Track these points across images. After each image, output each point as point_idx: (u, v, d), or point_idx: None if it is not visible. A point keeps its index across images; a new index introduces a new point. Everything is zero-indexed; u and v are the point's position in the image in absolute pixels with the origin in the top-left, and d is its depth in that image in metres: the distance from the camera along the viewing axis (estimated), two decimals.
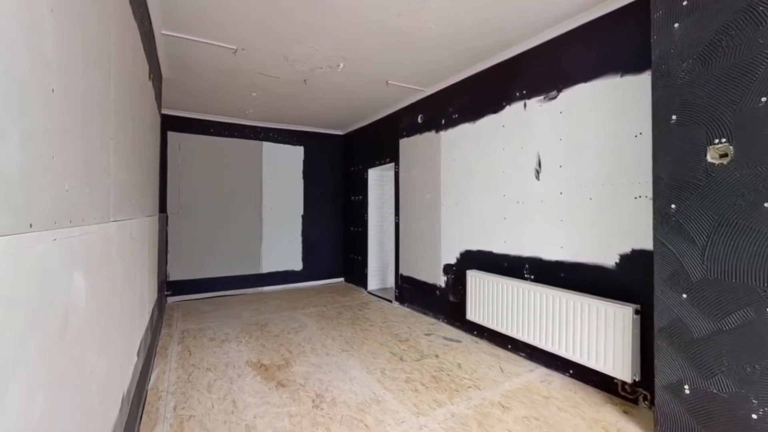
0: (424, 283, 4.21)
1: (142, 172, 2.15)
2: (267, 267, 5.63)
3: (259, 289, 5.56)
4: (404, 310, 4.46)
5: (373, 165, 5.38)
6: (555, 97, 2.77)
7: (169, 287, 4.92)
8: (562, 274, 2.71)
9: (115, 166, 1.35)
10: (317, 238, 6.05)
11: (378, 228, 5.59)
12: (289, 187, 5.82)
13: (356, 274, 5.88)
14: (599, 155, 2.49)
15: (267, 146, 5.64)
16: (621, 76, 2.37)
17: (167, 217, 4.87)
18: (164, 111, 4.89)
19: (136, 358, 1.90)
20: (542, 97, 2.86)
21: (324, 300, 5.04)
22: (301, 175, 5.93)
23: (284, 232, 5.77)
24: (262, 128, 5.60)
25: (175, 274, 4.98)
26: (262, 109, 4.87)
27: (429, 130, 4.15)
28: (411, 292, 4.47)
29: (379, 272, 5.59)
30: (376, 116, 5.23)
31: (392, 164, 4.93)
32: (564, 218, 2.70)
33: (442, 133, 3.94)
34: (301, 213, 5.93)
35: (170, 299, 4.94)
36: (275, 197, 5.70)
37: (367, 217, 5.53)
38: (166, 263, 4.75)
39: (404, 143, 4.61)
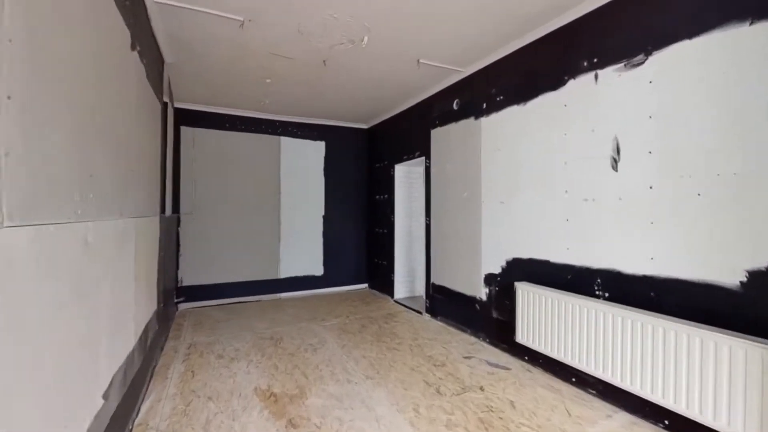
0: (461, 295, 3.64)
1: (116, 161, 1.72)
2: (285, 272, 5.22)
3: (277, 295, 5.15)
4: (437, 325, 3.90)
5: (401, 160, 4.85)
6: (642, 63, 2.13)
7: (181, 293, 4.59)
8: (653, 294, 2.07)
9: (23, 143, 0.89)
10: (339, 240, 5.59)
11: (405, 230, 5.05)
12: (309, 186, 5.39)
13: (381, 281, 5.37)
14: (711, 136, 1.85)
15: (285, 141, 5.24)
16: (750, 23, 1.72)
17: (179, 217, 4.55)
18: (177, 105, 4.58)
19: (101, 402, 1.47)
20: (622, 64, 2.23)
21: (346, 309, 4.56)
22: (322, 173, 5.49)
23: (304, 234, 5.35)
24: (280, 122, 5.19)
25: (188, 279, 4.66)
26: (279, 99, 4.45)
27: (467, 116, 3.57)
28: (445, 304, 3.90)
29: (406, 279, 5.05)
30: (404, 105, 4.70)
31: (422, 158, 4.38)
32: (656, 220, 2.07)
33: (483, 120, 3.35)
34: (322, 213, 5.48)
35: (183, 305, 4.61)
36: (294, 196, 5.29)
37: (393, 217, 5.01)
38: (178, 267, 4.42)
39: (437, 134, 4.05)
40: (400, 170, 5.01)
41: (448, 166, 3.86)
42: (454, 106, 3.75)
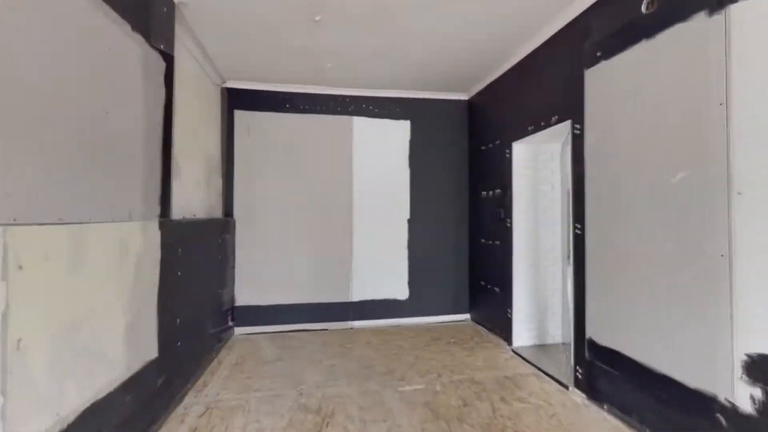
0: (671, 382, 1.80)
1: None
2: (359, 293, 3.98)
3: (349, 324, 3.95)
4: (605, 423, 2.12)
5: (522, 134, 3.15)
6: None
7: (235, 315, 3.73)
8: None
9: None
10: (430, 253, 4.13)
11: (530, 241, 3.31)
12: (389, 180, 4.07)
13: (491, 313, 3.72)
14: None
15: (359, 122, 4.02)
16: None
17: (229, 222, 3.69)
18: (229, 84, 3.75)
19: None
20: None
21: (438, 359, 3.06)
22: (406, 162, 4.12)
23: (383, 244, 4.04)
24: (351, 98, 4.00)
25: (243, 298, 3.78)
26: (342, 56, 3.23)
27: (682, 17, 1.75)
28: (621, 385, 2.09)
29: (533, 317, 3.30)
30: (528, 46, 3.01)
31: (565, 124, 2.62)
32: None
33: (739, 7, 1.51)
34: (407, 216, 4.10)
35: (237, 330, 3.74)
36: (371, 194, 4.03)
37: (509, 223, 3.33)
38: (224, 285, 3.52)
39: (598, 75, 2.28)
40: (522, 151, 3.30)
41: (624, 129, 2.07)
42: (643, 9, 1.95)
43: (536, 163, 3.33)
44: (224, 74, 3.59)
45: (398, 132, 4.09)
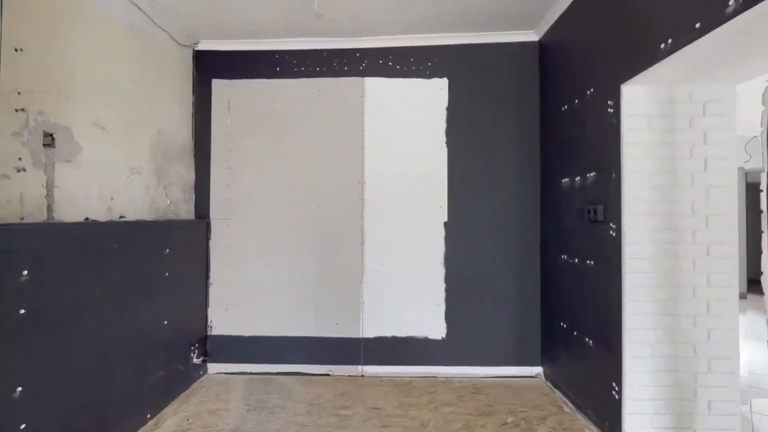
0: None
1: None
2: (373, 327, 2.82)
3: (359, 369, 2.80)
4: None
5: (644, 64, 1.66)
6: None
7: (208, 348, 2.83)
8: None
9: None
10: (479, 274, 2.79)
11: (659, 262, 1.81)
12: (417, 165, 2.84)
13: (577, 375, 2.26)
14: None
15: (374, 85, 2.86)
16: None
17: (195, 225, 2.80)
18: (203, 45, 2.88)
19: None
20: None
21: None
22: (442, 138, 2.84)
23: (408, 257, 2.82)
24: (363, 51, 2.86)
25: (221, 325, 2.87)
26: None
27: None
28: None
29: (665, 404, 1.79)
30: None
31: None
32: None
33: None
34: (444, 219, 2.82)
35: (213, 368, 2.84)
36: (390, 185, 2.84)
37: (614, 229, 1.86)
38: (176, 313, 2.61)
39: None
40: (640, 100, 1.82)
41: None
42: None
43: (671, 121, 1.82)
44: (195, 31, 2.73)
45: (431, 95, 2.83)
